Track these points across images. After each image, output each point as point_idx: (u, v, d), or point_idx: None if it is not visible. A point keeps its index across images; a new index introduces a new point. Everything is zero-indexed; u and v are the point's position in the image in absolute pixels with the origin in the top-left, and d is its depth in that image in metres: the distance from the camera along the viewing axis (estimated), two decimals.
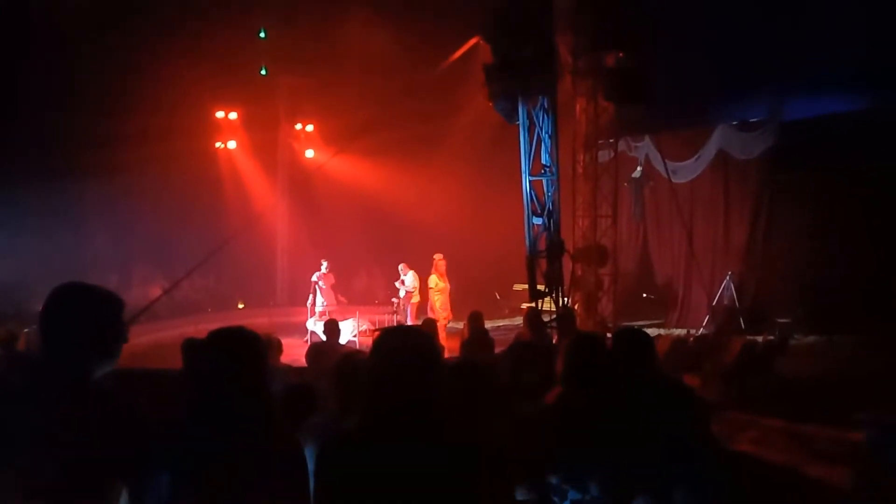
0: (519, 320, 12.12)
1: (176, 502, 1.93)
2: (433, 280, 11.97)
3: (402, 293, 13.08)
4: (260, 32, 15.59)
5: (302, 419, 3.06)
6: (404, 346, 1.96)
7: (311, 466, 2.69)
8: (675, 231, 13.66)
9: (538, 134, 7.93)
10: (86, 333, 2.07)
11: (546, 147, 7.93)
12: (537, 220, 8.02)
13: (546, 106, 7.90)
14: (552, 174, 8.09)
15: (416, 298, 12.85)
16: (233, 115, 16.72)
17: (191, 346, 5.61)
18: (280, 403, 3.17)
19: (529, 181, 8.12)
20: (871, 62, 10.44)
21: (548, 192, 8.10)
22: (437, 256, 12.02)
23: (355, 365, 2.86)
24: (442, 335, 10.82)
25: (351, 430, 2.02)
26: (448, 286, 12.08)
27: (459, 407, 2.22)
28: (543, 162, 8.07)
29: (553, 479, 2.59)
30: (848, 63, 10.58)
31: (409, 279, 12.91)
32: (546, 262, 7.96)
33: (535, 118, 7.94)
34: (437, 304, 11.89)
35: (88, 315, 2.08)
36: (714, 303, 12.53)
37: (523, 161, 8.06)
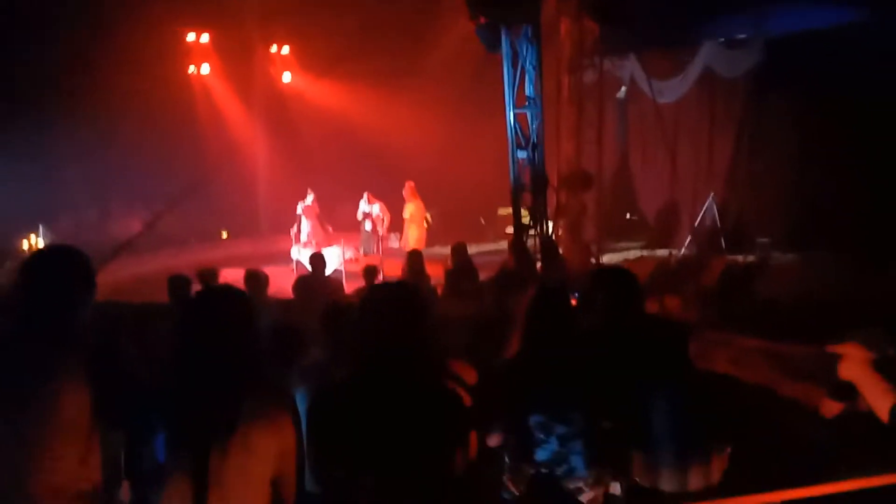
0: (503, 244, 12.19)
1: (172, 459, 1.98)
2: (407, 210, 11.74)
3: (367, 226, 12.99)
4: None
5: (291, 362, 3.10)
6: (392, 306, 1.98)
7: (302, 409, 2.76)
8: (660, 152, 13.59)
9: (522, 65, 7.71)
10: (68, 292, 2.14)
11: (530, 78, 7.74)
12: (521, 154, 7.92)
13: (530, 35, 7.66)
14: (536, 106, 7.93)
15: (381, 231, 12.70)
16: (204, 38, 16.11)
17: (177, 285, 5.62)
18: (268, 346, 3.20)
19: (514, 114, 7.97)
20: None
21: (532, 124, 7.96)
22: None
23: (342, 313, 2.89)
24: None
25: (341, 381, 2.07)
26: (420, 209, 11.70)
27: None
28: (527, 94, 7.89)
29: (537, 418, 2.66)
30: None
31: (374, 210, 12.82)
32: (531, 195, 7.93)
33: (518, 48, 7.71)
34: (412, 237, 11.63)
35: (69, 274, 2.16)
36: (696, 223, 12.63)
37: (507, 93, 7.89)
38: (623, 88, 13.60)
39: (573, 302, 3.90)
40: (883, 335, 2.65)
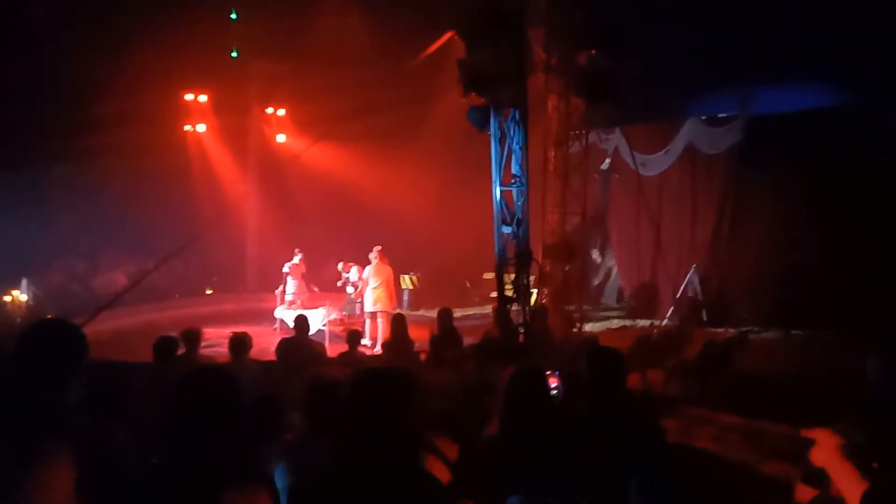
0: (488, 308, 12.25)
1: None
2: (366, 271, 11.66)
3: (349, 290, 13.07)
4: (231, 14, 15.34)
5: (271, 436, 3.11)
6: (383, 394, 2.03)
7: (281, 485, 2.76)
8: (643, 222, 13.85)
9: (509, 145, 7.98)
10: (60, 370, 2.14)
11: (517, 158, 8.00)
12: (507, 229, 8.11)
13: (517, 118, 7.96)
14: (522, 184, 8.18)
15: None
16: (202, 98, 16.45)
17: (164, 347, 5.61)
18: (249, 418, 3.19)
19: (500, 191, 8.21)
20: (841, 58, 10.58)
21: (517, 201, 8.19)
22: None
23: (327, 390, 2.93)
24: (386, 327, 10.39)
25: (322, 467, 2.08)
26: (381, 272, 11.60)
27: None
28: (514, 172, 8.14)
29: (514, 500, 2.69)
30: (818, 58, 10.73)
31: (353, 275, 12.94)
32: (515, 271, 8.09)
33: (506, 129, 8.00)
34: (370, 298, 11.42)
35: (64, 352, 2.17)
36: (678, 295, 12.77)
37: (494, 171, 8.13)
38: (607, 160, 13.94)
39: (555, 380, 3.96)
40: (853, 421, 2.72)
